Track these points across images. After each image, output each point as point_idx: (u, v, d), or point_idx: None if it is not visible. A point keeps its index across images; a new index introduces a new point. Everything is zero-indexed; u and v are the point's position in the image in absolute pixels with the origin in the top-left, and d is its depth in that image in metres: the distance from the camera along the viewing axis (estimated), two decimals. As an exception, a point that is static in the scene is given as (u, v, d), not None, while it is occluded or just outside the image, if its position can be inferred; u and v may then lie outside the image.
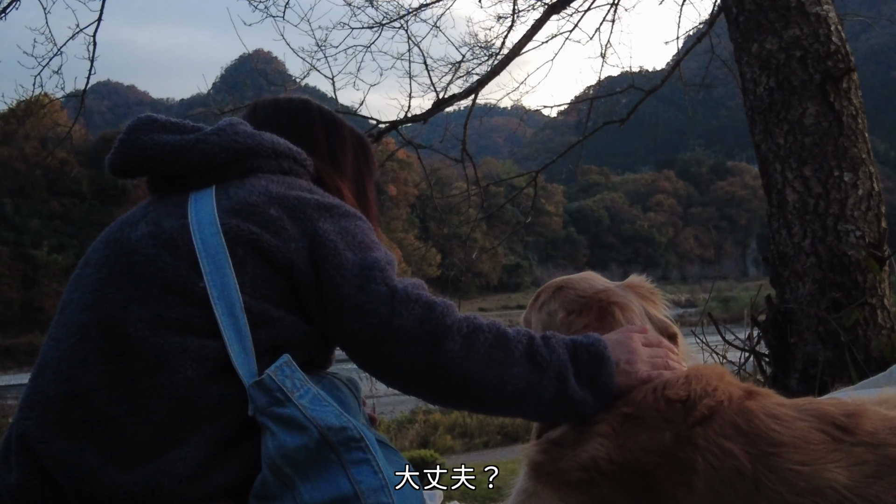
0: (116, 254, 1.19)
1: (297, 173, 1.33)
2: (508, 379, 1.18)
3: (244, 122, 1.32)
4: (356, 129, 1.55)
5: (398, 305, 1.15)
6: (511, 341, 1.20)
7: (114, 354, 1.10)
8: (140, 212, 1.27)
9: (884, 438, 1.05)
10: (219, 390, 1.09)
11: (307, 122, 1.46)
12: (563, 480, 1.25)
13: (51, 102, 8.26)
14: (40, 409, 1.10)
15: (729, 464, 1.10)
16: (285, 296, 1.18)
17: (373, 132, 6.83)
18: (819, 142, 3.07)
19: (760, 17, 3.24)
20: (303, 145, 1.38)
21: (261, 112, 1.47)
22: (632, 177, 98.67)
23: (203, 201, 1.21)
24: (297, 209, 1.21)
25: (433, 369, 1.15)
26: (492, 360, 1.17)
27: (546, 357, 1.20)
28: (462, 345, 1.15)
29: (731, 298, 24.92)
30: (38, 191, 45.14)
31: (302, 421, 1.07)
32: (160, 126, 1.27)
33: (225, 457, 1.08)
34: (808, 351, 3.02)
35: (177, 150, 1.24)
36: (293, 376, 1.11)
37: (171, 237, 1.17)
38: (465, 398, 1.21)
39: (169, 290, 1.13)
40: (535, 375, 1.19)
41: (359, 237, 1.22)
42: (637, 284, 1.54)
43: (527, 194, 9.01)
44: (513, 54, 7.19)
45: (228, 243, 1.15)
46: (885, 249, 3.01)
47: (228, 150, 1.25)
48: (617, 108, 8.39)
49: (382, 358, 1.17)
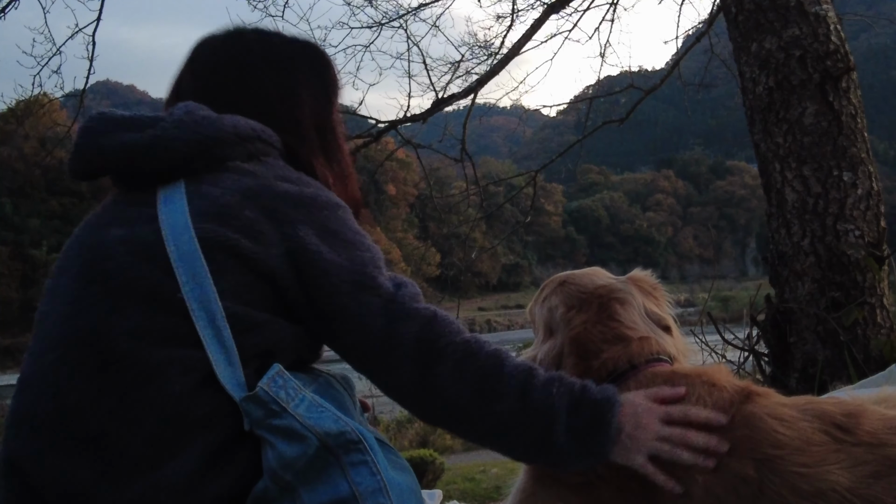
0: (91, 262, 1.14)
1: (266, 153, 1.24)
2: (491, 413, 1.12)
3: (202, 107, 1.22)
4: (304, 47, 1.40)
5: (395, 322, 1.12)
6: (505, 375, 1.13)
7: (99, 368, 1.06)
8: (110, 212, 1.21)
9: (883, 438, 1.05)
10: (209, 401, 1.07)
11: (255, 78, 1.32)
12: (563, 482, 1.25)
13: (50, 102, 8.25)
14: (28, 428, 1.07)
15: (730, 469, 1.10)
16: (269, 299, 1.14)
17: (372, 132, 6.83)
18: (818, 141, 3.07)
19: (759, 17, 3.24)
20: (260, 114, 1.27)
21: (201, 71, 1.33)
22: (631, 176, 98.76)
23: (174, 202, 1.15)
24: (273, 209, 1.14)
25: (421, 390, 1.13)
26: (479, 391, 1.12)
27: (539, 400, 1.12)
28: (452, 371, 1.11)
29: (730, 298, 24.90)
30: (38, 190, 45.14)
31: (300, 430, 1.05)
32: (115, 124, 1.19)
33: (220, 467, 1.06)
34: (808, 350, 3.02)
35: (137, 151, 1.17)
36: (287, 386, 1.09)
37: (146, 244, 1.12)
38: (447, 423, 1.19)
39: (149, 300, 1.09)
40: (522, 416, 1.12)
41: (341, 234, 1.17)
42: (639, 279, 1.53)
43: (526, 194, 9.00)
44: (512, 54, 7.19)
45: (205, 250, 1.10)
46: (884, 249, 3.01)
47: (191, 143, 1.16)
48: (616, 107, 8.38)
49: (375, 370, 1.16)
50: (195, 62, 1.35)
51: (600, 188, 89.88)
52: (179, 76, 1.36)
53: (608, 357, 1.34)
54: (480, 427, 1.15)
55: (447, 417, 1.17)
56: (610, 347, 1.35)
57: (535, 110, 12.96)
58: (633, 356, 1.34)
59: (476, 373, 1.12)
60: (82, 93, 6.58)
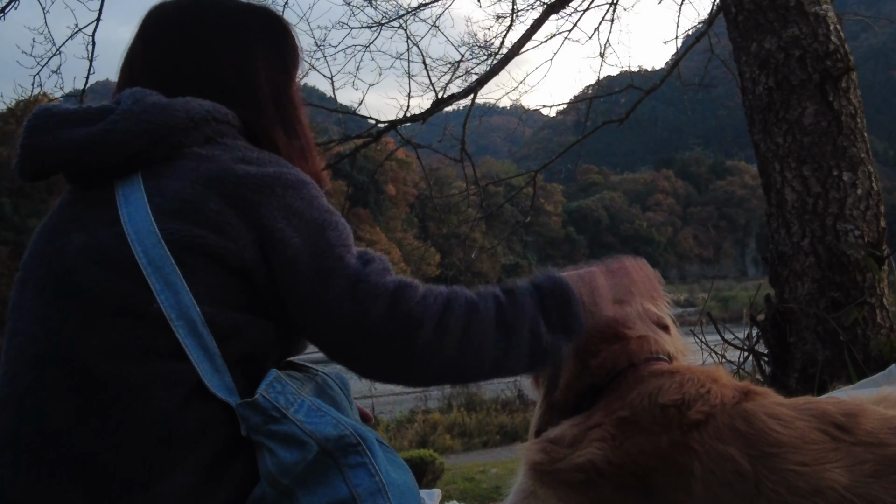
0: (55, 275, 1.08)
1: (223, 133, 1.17)
2: (486, 351, 1.13)
3: (151, 93, 1.14)
4: (260, 12, 1.32)
5: (365, 303, 1.08)
6: (480, 311, 1.13)
7: (77, 389, 1.02)
8: (66, 216, 1.14)
9: (882, 438, 1.05)
10: (197, 415, 1.03)
11: (208, 50, 1.24)
12: (563, 481, 1.25)
13: (50, 102, 8.25)
14: (11, 453, 1.02)
15: (728, 466, 1.10)
16: (245, 297, 1.09)
17: (372, 132, 6.83)
18: (818, 141, 3.07)
19: (759, 17, 3.24)
20: (214, 90, 1.20)
21: (152, 44, 1.26)
22: (631, 176, 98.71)
23: (134, 201, 1.08)
24: (236, 196, 1.08)
25: (411, 361, 1.11)
26: (467, 339, 1.11)
27: (515, 317, 1.15)
28: (435, 331, 1.09)
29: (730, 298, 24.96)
30: (37, 190, 45.06)
31: (300, 436, 1.03)
32: (61, 119, 1.13)
33: (215, 481, 1.03)
34: (807, 350, 3.02)
35: (87, 146, 1.10)
36: (285, 391, 1.07)
37: (109, 251, 1.06)
38: (448, 380, 1.20)
39: (121, 314, 1.03)
40: (510, 340, 1.14)
41: (306, 214, 1.11)
42: None
43: (526, 194, 9.01)
44: (512, 54, 7.19)
45: (173, 252, 1.04)
46: (884, 249, 3.01)
47: (142, 133, 1.09)
48: (616, 107, 8.40)
49: (357, 357, 1.13)
50: (145, 33, 1.27)
51: (600, 188, 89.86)
52: (131, 48, 1.28)
53: (606, 356, 1.34)
54: (480, 368, 1.15)
55: (445, 376, 1.17)
56: (608, 346, 1.35)
57: (534, 110, 12.99)
58: (632, 354, 1.34)
59: (458, 323, 1.11)
60: (82, 93, 6.57)
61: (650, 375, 1.29)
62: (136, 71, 1.25)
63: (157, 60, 1.24)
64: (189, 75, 1.22)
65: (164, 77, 1.21)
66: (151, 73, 1.22)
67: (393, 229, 54.89)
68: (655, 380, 1.26)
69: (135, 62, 1.26)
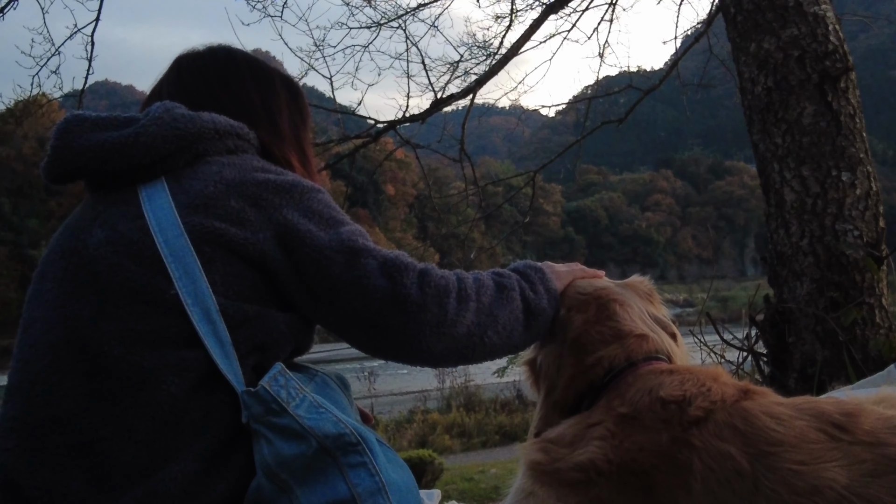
0: (76, 265, 1.13)
1: (244, 149, 1.26)
2: (497, 316, 1.26)
3: (179, 106, 1.23)
4: (284, 74, 1.48)
5: (396, 275, 1.15)
6: (485, 282, 1.28)
7: (90, 374, 1.05)
8: (89, 214, 1.19)
9: (881, 438, 1.05)
10: (204, 403, 1.06)
11: (240, 83, 1.37)
12: (562, 480, 1.25)
13: (49, 102, 8.22)
14: (17, 437, 1.05)
15: (726, 465, 1.10)
16: (259, 290, 1.14)
17: (371, 132, 6.83)
18: (817, 141, 3.07)
19: (758, 17, 3.24)
20: (241, 113, 1.32)
21: (188, 74, 1.38)
22: (630, 176, 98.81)
23: (157, 198, 1.15)
24: (257, 196, 1.15)
25: (440, 327, 1.17)
26: (482, 305, 1.25)
27: (510, 284, 1.31)
28: (458, 299, 1.21)
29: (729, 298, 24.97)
30: (36, 191, 45.09)
31: (300, 431, 1.05)
32: (92, 124, 1.19)
33: (215, 471, 1.05)
34: (807, 350, 3.03)
35: (118, 148, 1.16)
36: (288, 385, 1.09)
37: (132, 242, 1.11)
38: (468, 346, 1.24)
39: (138, 301, 1.08)
40: (511, 301, 1.29)
41: (325, 214, 1.20)
42: (636, 284, 1.54)
43: (525, 194, 9.01)
44: (511, 54, 7.18)
45: (194, 242, 1.10)
46: (883, 249, 3.02)
47: (171, 139, 1.17)
48: (615, 107, 8.39)
49: (388, 331, 1.16)
50: (182, 67, 1.39)
51: (599, 188, 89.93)
52: (161, 80, 1.39)
53: (605, 355, 1.34)
54: (493, 335, 1.26)
55: (468, 343, 1.24)
56: (607, 346, 1.35)
57: (533, 110, 13.00)
58: (632, 353, 1.34)
59: (473, 294, 1.24)
60: (81, 93, 6.57)
61: (649, 374, 1.29)
62: (166, 95, 1.33)
63: (189, 90, 1.34)
64: (219, 98, 1.33)
65: (196, 98, 1.31)
66: (182, 96, 1.31)
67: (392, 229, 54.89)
68: (655, 378, 1.26)
69: (164, 88, 1.37)
